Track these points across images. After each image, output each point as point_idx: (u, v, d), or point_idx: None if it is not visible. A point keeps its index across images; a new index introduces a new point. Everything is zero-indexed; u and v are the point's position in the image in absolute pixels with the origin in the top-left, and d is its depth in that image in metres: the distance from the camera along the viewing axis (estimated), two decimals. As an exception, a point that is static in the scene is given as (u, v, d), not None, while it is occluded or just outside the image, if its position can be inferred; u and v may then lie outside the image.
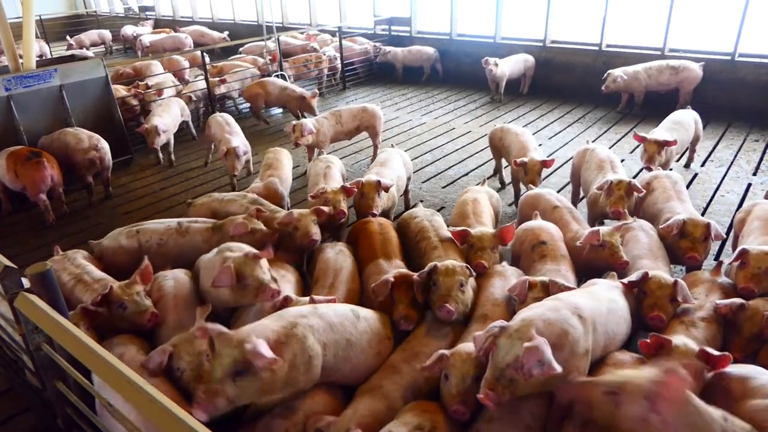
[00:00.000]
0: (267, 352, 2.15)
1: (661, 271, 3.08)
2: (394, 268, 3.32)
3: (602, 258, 3.38)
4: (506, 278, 3.20)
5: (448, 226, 3.88)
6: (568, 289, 2.85)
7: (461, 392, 2.30)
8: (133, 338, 2.90)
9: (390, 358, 2.74)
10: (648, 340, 2.45)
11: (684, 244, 3.46)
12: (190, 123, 7.89)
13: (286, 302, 2.93)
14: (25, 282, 2.28)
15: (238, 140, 5.94)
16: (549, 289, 2.86)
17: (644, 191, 4.06)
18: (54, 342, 2.17)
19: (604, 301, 2.62)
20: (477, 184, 4.86)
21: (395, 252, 3.63)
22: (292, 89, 8.09)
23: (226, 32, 13.82)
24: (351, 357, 2.62)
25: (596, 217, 4.24)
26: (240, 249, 3.11)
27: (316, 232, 3.74)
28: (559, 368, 2.04)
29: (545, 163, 4.75)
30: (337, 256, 3.59)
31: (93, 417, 2.20)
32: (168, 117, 6.89)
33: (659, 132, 5.15)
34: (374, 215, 4.11)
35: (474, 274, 3.10)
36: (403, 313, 2.93)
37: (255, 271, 2.93)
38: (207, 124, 6.68)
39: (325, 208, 3.89)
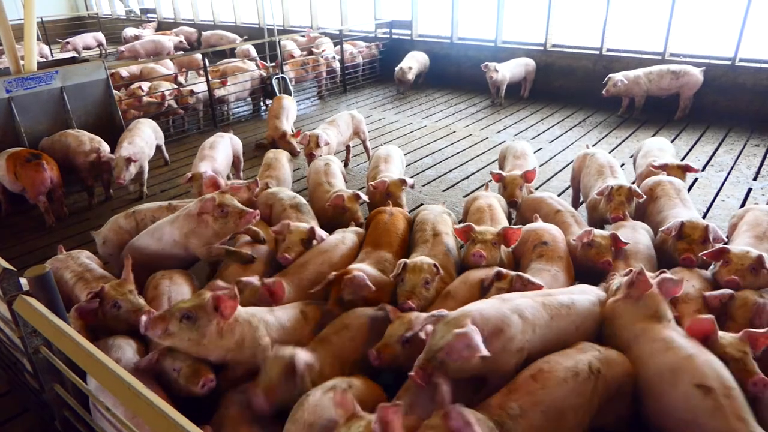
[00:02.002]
0: (222, 310, 2.57)
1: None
2: (373, 259, 3.48)
3: (590, 257, 3.43)
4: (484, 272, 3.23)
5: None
6: (534, 286, 2.91)
7: (384, 344, 2.61)
8: (128, 339, 2.89)
9: (322, 332, 2.89)
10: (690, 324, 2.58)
11: (681, 246, 3.46)
12: (164, 148, 7.02)
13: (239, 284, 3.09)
14: (24, 284, 2.28)
15: (207, 165, 5.15)
16: (513, 283, 2.95)
17: (644, 197, 4.06)
18: (52, 345, 2.16)
19: (553, 307, 2.65)
20: (480, 187, 4.85)
21: (389, 243, 3.70)
22: (283, 125, 6.88)
23: (245, 37, 13.82)
24: None
25: (596, 223, 4.23)
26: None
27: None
28: (485, 351, 2.18)
29: (526, 176, 4.43)
30: (337, 242, 3.76)
31: (91, 420, 2.19)
32: (141, 142, 6.03)
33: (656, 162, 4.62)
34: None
35: (441, 272, 3.16)
36: (329, 307, 3.10)
37: (233, 201, 3.52)
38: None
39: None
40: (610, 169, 4.51)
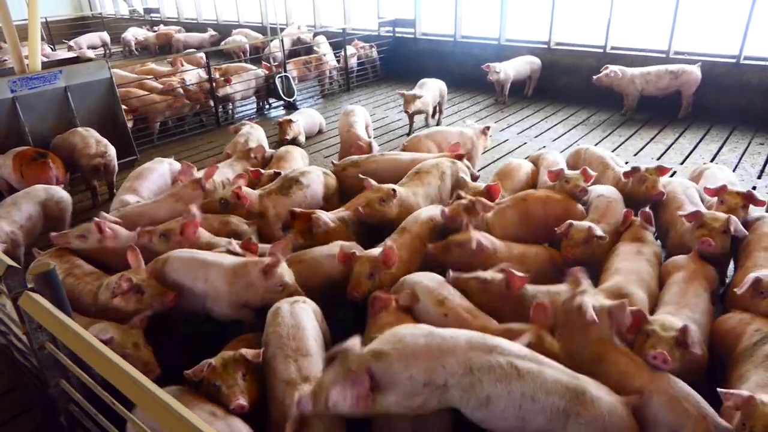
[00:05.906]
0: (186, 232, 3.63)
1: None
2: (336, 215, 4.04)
3: (640, 191, 3.98)
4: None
5: None
6: (489, 207, 3.87)
7: (357, 283, 3.21)
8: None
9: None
10: (728, 395, 2.26)
11: (699, 232, 3.39)
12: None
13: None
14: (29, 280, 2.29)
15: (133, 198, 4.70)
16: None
17: (672, 169, 4.13)
18: (57, 340, 2.18)
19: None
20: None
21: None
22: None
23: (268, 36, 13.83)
24: None
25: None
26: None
27: None
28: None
29: (585, 176, 4.13)
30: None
31: (96, 415, 2.21)
32: (16, 220, 4.20)
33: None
34: None
35: (396, 194, 4.00)
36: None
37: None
38: None
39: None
40: (611, 159, 4.66)
